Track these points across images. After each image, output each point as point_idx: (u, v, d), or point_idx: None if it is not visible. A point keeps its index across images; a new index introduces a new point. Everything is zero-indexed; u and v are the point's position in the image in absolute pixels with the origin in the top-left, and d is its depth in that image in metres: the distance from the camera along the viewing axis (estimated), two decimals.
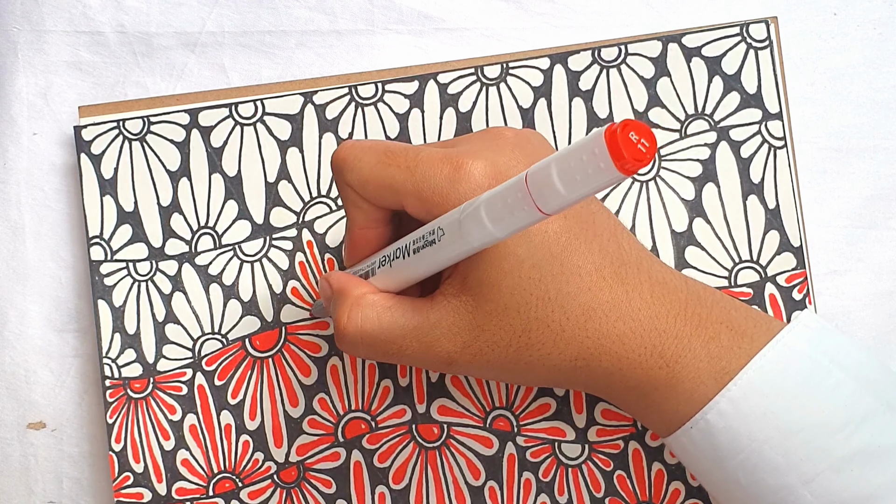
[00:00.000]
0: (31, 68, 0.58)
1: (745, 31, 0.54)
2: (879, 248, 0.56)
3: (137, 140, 0.55)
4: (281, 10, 0.58)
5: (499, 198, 0.37)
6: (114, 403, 0.54)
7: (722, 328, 0.43)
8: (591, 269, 0.43)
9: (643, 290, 0.44)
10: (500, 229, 0.37)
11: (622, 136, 0.32)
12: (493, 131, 0.46)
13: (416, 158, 0.44)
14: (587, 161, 0.33)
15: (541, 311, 0.43)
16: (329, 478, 0.54)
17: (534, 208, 0.35)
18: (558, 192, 0.34)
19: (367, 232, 0.47)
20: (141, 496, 0.54)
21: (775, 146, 0.54)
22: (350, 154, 0.46)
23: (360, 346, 0.45)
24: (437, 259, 0.42)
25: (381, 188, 0.45)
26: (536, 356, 0.44)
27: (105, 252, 0.55)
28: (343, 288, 0.46)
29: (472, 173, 0.42)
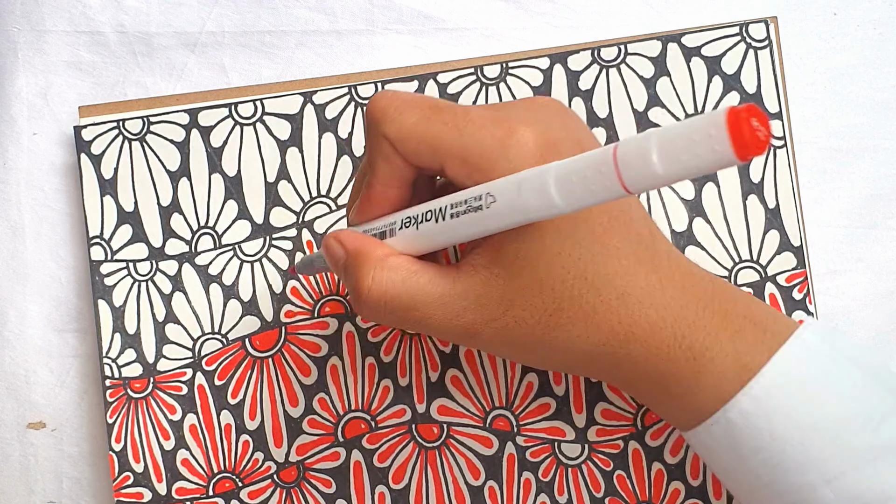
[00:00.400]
0: (31, 68, 0.58)
1: (744, 31, 0.54)
2: (879, 248, 0.56)
3: (137, 140, 0.55)
4: (281, 10, 0.58)
5: (575, 169, 0.35)
6: (114, 403, 0.54)
7: (746, 322, 0.42)
8: (630, 252, 0.42)
9: (675, 279, 0.43)
10: (569, 203, 0.35)
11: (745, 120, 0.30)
12: (538, 101, 0.43)
13: (466, 118, 0.41)
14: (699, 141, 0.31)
15: (576, 290, 0.41)
16: (329, 477, 0.54)
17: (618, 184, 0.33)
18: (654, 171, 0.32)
19: (388, 190, 0.44)
20: (141, 496, 0.54)
21: (775, 146, 0.54)
22: (391, 104, 0.42)
23: (383, 311, 0.43)
24: (481, 227, 0.39)
25: (423, 145, 0.41)
26: (564, 337, 0.42)
27: (105, 252, 0.55)
28: (361, 248, 0.43)
29: (525, 141, 0.40)
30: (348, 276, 0.44)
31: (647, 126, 0.54)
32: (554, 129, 0.41)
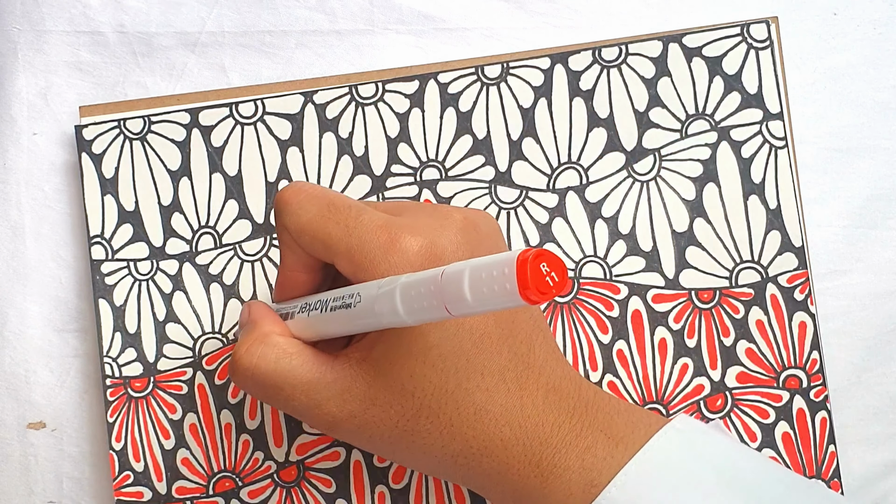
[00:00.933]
0: (31, 68, 0.58)
1: (745, 31, 0.54)
2: (879, 248, 0.56)
3: (138, 139, 0.55)
4: (281, 10, 0.58)
5: (414, 286, 0.37)
6: (114, 402, 0.54)
7: (600, 437, 0.43)
8: (495, 370, 0.43)
9: (537, 396, 0.43)
10: (410, 316, 0.37)
11: (532, 266, 0.32)
12: (443, 210, 0.45)
13: (357, 220, 0.43)
14: (496, 278, 0.33)
15: (435, 400, 0.43)
16: (329, 477, 0.54)
17: (443, 307, 0.35)
18: (466, 301, 0.34)
19: (296, 275, 0.47)
20: (141, 495, 0.54)
21: (776, 146, 0.54)
22: (294, 198, 0.45)
23: (250, 383, 0.45)
24: (349, 324, 0.42)
25: (316, 241, 0.44)
26: (420, 443, 0.44)
27: (106, 251, 0.55)
28: (256, 320, 0.47)
29: (408, 248, 0.42)
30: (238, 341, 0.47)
31: (647, 126, 0.54)
32: (444, 241, 0.43)
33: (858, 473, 0.55)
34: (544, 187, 0.54)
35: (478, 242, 0.44)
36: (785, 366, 0.53)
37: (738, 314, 0.53)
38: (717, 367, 0.53)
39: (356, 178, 0.55)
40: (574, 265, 0.54)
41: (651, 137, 0.54)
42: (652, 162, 0.54)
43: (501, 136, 0.54)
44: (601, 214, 0.54)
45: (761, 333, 0.53)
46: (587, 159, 0.54)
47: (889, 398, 0.55)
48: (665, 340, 0.53)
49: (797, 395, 0.53)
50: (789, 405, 0.53)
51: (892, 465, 0.55)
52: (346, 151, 0.55)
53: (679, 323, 0.53)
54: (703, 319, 0.53)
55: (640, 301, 0.54)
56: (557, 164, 0.54)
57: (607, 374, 0.53)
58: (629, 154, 0.54)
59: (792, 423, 0.53)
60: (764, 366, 0.53)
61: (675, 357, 0.53)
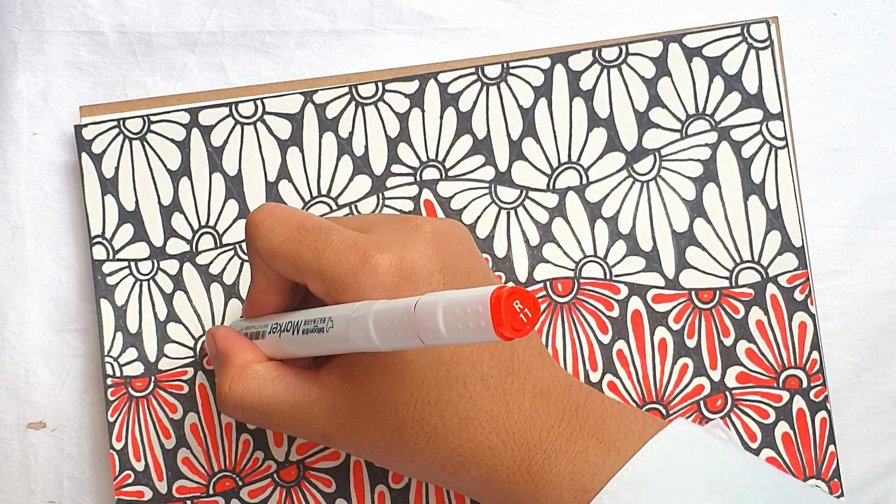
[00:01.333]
0: (31, 68, 0.58)
1: (745, 32, 0.54)
2: (879, 249, 0.56)
3: (138, 139, 0.55)
4: (281, 10, 0.58)
5: (387, 314, 0.37)
6: (115, 402, 0.54)
7: (591, 441, 0.43)
8: (477, 377, 0.43)
9: (524, 400, 0.43)
10: (384, 343, 0.38)
11: (506, 304, 0.32)
12: (412, 222, 0.45)
13: (326, 241, 0.44)
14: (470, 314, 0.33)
15: (418, 412, 0.43)
16: (329, 477, 0.54)
17: (416, 337, 0.35)
18: (440, 333, 0.34)
19: (267, 296, 0.48)
20: (142, 494, 0.54)
21: (776, 146, 0.54)
22: (264, 222, 0.46)
23: (240, 415, 0.46)
24: (322, 347, 0.43)
25: (287, 264, 0.45)
26: (408, 452, 0.44)
27: (107, 251, 0.55)
28: (228, 352, 0.47)
29: (378, 266, 0.42)
30: (216, 375, 0.48)
31: (648, 126, 0.54)
32: (413, 255, 0.43)
33: (858, 473, 0.55)
34: (544, 187, 0.54)
35: (448, 252, 0.44)
36: (785, 366, 0.53)
37: (738, 314, 0.53)
38: (717, 368, 0.53)
39: (356, 177, 0.55)
40: (574, 265, 0.54)
41: (651, 137, 0.54)
42: (652, 162, 0.54)
43: (501, 136, 0.54)
44: (601, 214, 0.54)
45: (761, 333, 0.53)
46: (587, 159, 0.54)
47: (889, 398, 0.55)
48: (665, 340, 0.53)
49: (797, 395, 0.53)
50: (789, 405, 0.53)
51: (892, 465, 0.55)
52: (346, 151, 0.55)
53: (679, 323, 0.53)
54: (703, 319, 0.53)
55: (640, 301, 0.54)
56: (557, 164, 0.54)
57: (607, 375, 0.53)
58: (629, 154, 0.54)
59: (792, 424, 0.53)
60: (764, 366, 0.53)
61: (675, 357, 0.53)
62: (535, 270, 0.54)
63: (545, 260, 0.54)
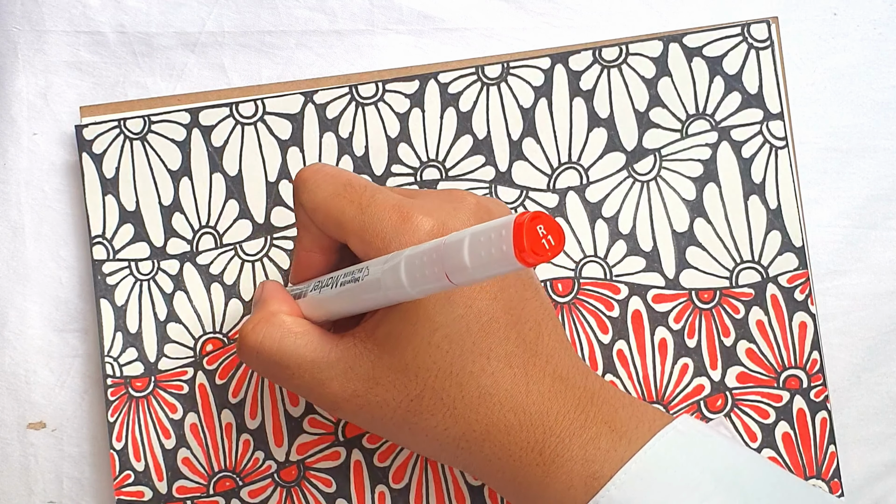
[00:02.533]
0: (31, 68, 0.58)
1: (746, 32, 0.54)
2: (879, 249, 0.56)
3: (138, 139, 0.55)
4: (281, 10, 0.58)
5: (417, 257, 0.37)
6: (115, 402, 0.54)
7: (604, 429, 0.43)
8: (502, 354, 0.43)
9: (544, 383, 0.43)
10: (415, 288, 0.38)
11: (529, 228, 0.32)
12: (457, 194, 0.46)
13: (371, 199, 0.44)
14: (494, 241, 0.33)
15: (439, 381, 0.43)
16: (329, 477, 0.54)
17: (444, 276, 0.35)
18: (465, 266, 0.34)
19: (311, 255, 0.48)
20: (142, 494, 0.54)
21: (776, 146, 0.54)
22: (311, 177, 0.46)
23: (255, 360, 0.46)
24: (356, 299, 0.43)
25: (329, 219, 0.45)
26: (423, 425, 0.44)
27: (107, 251, 0.55)
28: (266, 299, 0.47)
29: (419, 228, 0.42)
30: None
31: (648, 126, 0.54)
32: (456, 223, 0.43)
33: (858, 473, 0.55)
34: (544, 187, 0.54)
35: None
36: (785, 366, 0.53)
37: (739, 314, 0.53)
38: (717, 367, 0.53)
39: None
40: (574, 265, 0.54)
41: (651, 137, 0.54)
42: (652, 162, 0.54)
43: (502, 136, 0.54)
44: (601, 214, 0.54)
45: (761, 333, 0.53)
46: (587, 159, 0.54)
47: (889, 398, 0.55)
48: (665, 340, 0.53)
49: (797, 395, 0.53)
50: (789, 405, 0.53)
51: (892, 465, 0.55)
52: (347, 151, 0.55)
53: (679, 323, 0.53)
54: (703, 319, 0.53)
55: (640, 301, 0.54)
56: (558, 164, 0.54)
57: (607, 374, 0.53)
58: (629, 154, 0.54)
59: (792, 424, 0.53)
60: (764, 366, 0.53)
61: (676, 357, 0.53)
62: (536, 270, 0.54)
63: None
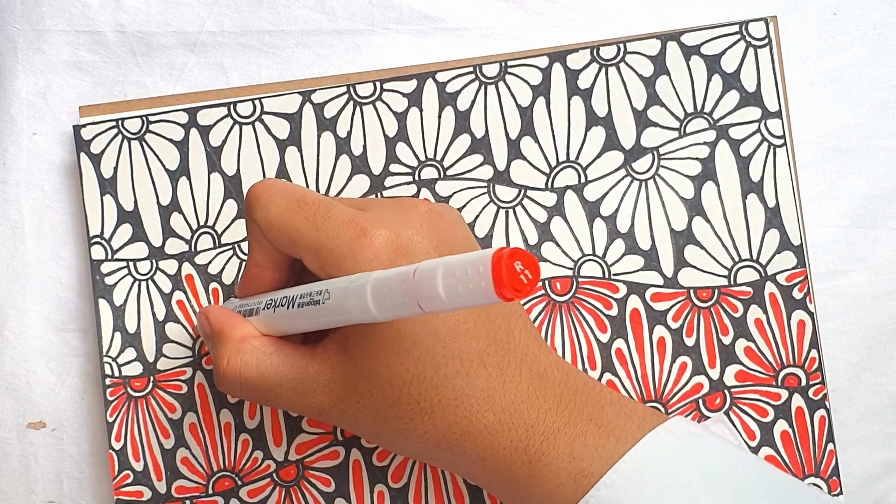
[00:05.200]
0: (30, 68, 0.58)
1: (744, 30, 0.54)
2: (879, 248, 0.56)
3: (136, 139, 0.55)
4: (281, 10, 0.58)
5: (385, 283, 0.37)
6: (114, 402, 0.54)
7: (590, 426, 0.43)
8: (474, 354, 0.43)
9: (521, 381, 0.44)
10: (381, 312, 0.38)
11: (507, 264, 0.32)
12: (407, 202, 0.46)
13: (326, 215, 0.44)
14: (471, 276, 0.33)
15: (413, 388, 0.43)
16: (328, 476, 0.54)
17: (415, 304, 0.36)
18: (440, 298, 0.35)
19: (263, 271, 0.48)
20: (141, 494, 0.54)
21: (775, 144, 0.54)
22: (264, 193, 0.46)
23: (239, 391, 0.46)
24: (318, 321, 0.43)
25: (284, 235, 0.45)
26: (403, 429, 0.44)
27: (106, 251, 0.55)
28: (222, 329, 0.47)
29: (374, 241, 0.42)
30: (212, 352, 0.48)
31: (646, 125, 0.54)
32: (409, 232, 0.43)
33: (858, 473, 0.55)
34: (543, 186, 0.54)
35: (442, 231, 0.45)
36: (784, 364, 0.53)
37: (737, 313, 0.53)
38: (715, 366, 0.53)
39: (354, 177, 0.55)
40: (573, 264, 0.54)
41: (649, 136, 0.54)
42: (650, 160, 0.54)
43: (500, 135, 0.54)
44: (600, 213, 0.54)
45: (760, 332, 0.53)
46: (585, 158, 0.54)
47: (889, 398, 0.55)
48: (664, 339, 0.53)
49: (796, 393, 0.53)
50: (788, 404, 0.53)
51: (891, 465, 0.55)
52: (345, 151, 0.55)
53: (678, 322, 0.53)
54: (701, 318, 0.53)
55: (638, 300, 0.54)
56: (556, 163, 0.54)
57: (606, 373, 0.53)
58: (627, 153, 0.54)
59: (791, 422, 0.53)
60: (763, 364, 0.53)
61: (674, 356, 0.53)
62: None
63: (544, 259, 0.54)
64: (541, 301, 0.54)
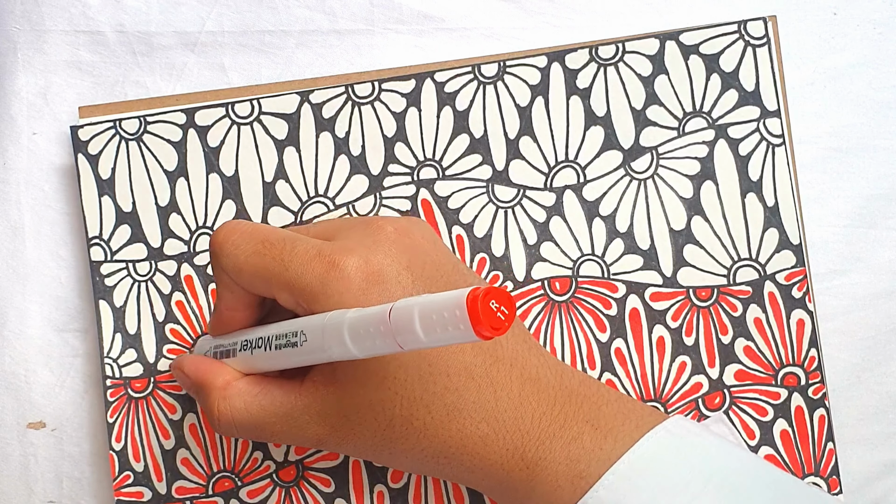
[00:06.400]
0: (30, 68, 0.58)
1: (742, 29, 0.54)
2: (879, 248, 0.56)
3: (134, 140, 0.55)
4: (281, 10, 0.58)
5: (362, 323, 0.38)
6: (114, 403, 0.54)
7: (586, 427, 0.43)
8: (461, 368, 0.43)
9: (512, 388, 0.44)
10: (360, 350, 0.39)
11: (483, 304, 0.33)
12: (374, 224, 0.46)
13: (292, 252, 0.44)
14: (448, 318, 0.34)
15: (405, 409, 0.43)
16: (328, 476, 0.54)
17: (394, 343, 0.36)
18: (418, 337, 0.35)
19: (234, 313, 0.48)
20: (141, 495, 0.54)
21: (774, 144, 0.54)
22: (227, 239, 0.46)
23: (236, 433, 0.46)
24: (296, 360, 0.43)
25: (255, 278, 0.45)
26: (400, 448, 0.44)
27: (105, 252, 0.55)
28: (203, 377, 0.47)
29: (345, 272, 0.43)
30: (199, 402, 0.48)
31: (645, 125, 0.54)
32: (378, 256, 0.44)
33: (858, 473, 0.55)
34: (542, 186, 0.54)
35: (412, 249, 0.45)
36: (783, 363, 0.53)
37: (737, 312, 0.53)
38: (715, 365, 0.53)
39: (353, 177, 0.55)
40: (572, 264, 0.54)
41: (648, 135, 0.54)
42: (649, 160, 0.54)
43: (498, 135, 0.54)
44: (599, 213, 0.54)
45: (759, 331, 0.53)
46: (584, 158, 0.54)
47: (889, 398, 0.55)
48: (663, 339, 0.53)
49: (795, 392, 0.53)
50: (787, 403, 0.53)
51: (891, 465, 0.55)
52: (343, 151, 0.55)
53: (677, 321, 0.53)
54: (701, 317, 0.53)
55: (637, 299, 0.54)
56: (555, 163, 0.54)
57: (605, 373, 0.53)
58: (626, 152, 0.54)
59: (790, 421, 0.53)
60: (762, 363, 0.53)
61: (674, 355, 0.53)
62: (533, 269, 0.54)
63: (543, 259, 0.54)
64: (540, 301, 0.54)
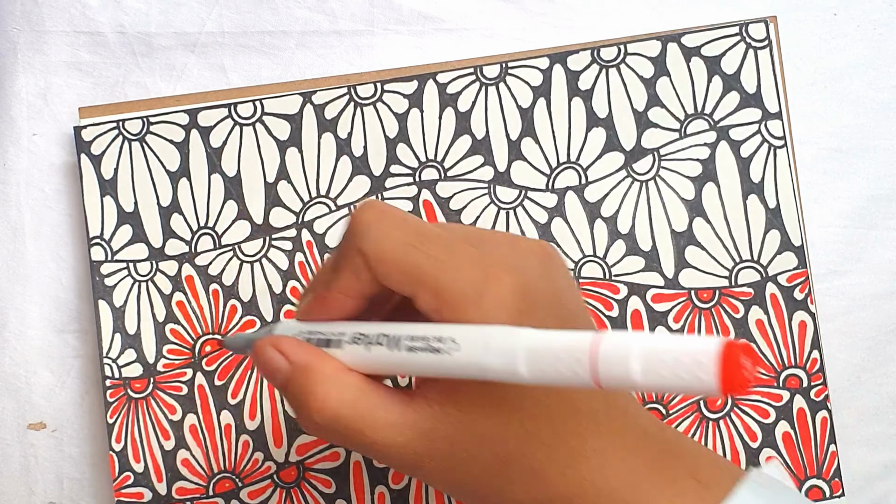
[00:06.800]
0: (30, 68, 0.58)
1: (744, 31, 0.54)
2: (879, 249, 0.56)
3: (137, 140, 0.55)
4: (281, 11, 0.58)
5: (549, 349, 0.34)
6: (114, 403, 0.54)
7: (689, 482, 0.41)
8: (588, 410, 0.40)
9: (627, 438, 0.41)
10: (536, 377, 0.34)
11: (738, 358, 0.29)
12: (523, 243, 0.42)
13: (451, 253, 0.39)
14: (686, 364, 0.30)
15: (527, 446, 0.39)
16: (329, 477, 0.54)
17: (590, 379, 0.32)
18: (633, 379, 0.31)
19: (347, 301, 0.42)
20: (141, 496, 0.54)
21: (775, 145, 0.54)
22: (378, 222, 0.40)
23: (331, 431, 0.40)
24: (438, 370, 0.38)
25: (401, 273, 0.39)
26: (508, 489, 0.40)
27: (105, 252, 0.55)
28: (310, 363, 0.41)
29: (502, 289, 0.38)
30: (293, 389, 0.41)
31: (646, 126, 0.54)
32: (533, 278, 0.39)
33: (859, 473, 0.55)
34: (543, 187, 0.54)
35: (560, 278, 0.41)
36: (785, 365, 0.53)
37: (738, 314, 0.53)
38: None
39: (355, 178, 0.55)
40: (573, 265, 0.54)
41: (650, 137, 0.54)
42: (651, 161, 0.54)
43: (500, 136, 0.54)
44: (600, 214, 0.54)
45: (761, 333, 0.53)
46: (586, 159, 0.54)
47: (889, 398, 0.55)
48: None
49: (797, 394, 0.53)
50: (790, 405, 0.53)
51: (892, 465, 0.55)
52: (345, 152, 0.55)
53: (679, 322, 0.53)
54: (702, 319, 0.53)
55: (639, 301, 0.54)
56: (556, 164, 0.54)
57: None
58: (628, 154, 0.54)
59: (792, 423, 0.53)
60: (764, 365, 0.53)
61: None
62: None
63: None
64: None
